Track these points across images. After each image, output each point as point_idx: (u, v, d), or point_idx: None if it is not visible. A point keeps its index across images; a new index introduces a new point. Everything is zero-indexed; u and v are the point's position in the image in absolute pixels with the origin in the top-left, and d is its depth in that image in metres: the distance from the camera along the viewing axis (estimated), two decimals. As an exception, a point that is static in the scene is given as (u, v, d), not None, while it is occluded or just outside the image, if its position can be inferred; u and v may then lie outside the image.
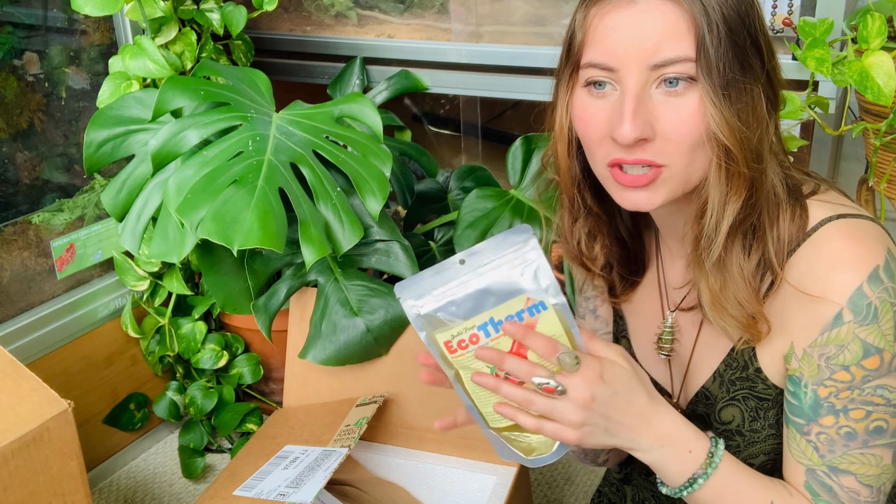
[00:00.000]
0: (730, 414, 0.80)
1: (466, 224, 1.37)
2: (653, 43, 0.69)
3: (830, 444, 0.72)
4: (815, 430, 0.73)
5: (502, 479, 1.19)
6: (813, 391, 0.72)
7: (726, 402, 0.81)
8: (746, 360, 0.78)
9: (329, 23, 1.76)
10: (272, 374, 1.62)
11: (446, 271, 0.67)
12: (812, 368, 0.72)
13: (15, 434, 0.73)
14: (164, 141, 1.16)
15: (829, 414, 0.72)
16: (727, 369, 0.80)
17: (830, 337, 0.70)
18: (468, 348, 0.67)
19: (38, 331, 1.40)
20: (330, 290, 1.31)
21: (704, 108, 0.69)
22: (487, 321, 0.66)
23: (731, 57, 0.69)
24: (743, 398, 0.79)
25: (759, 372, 0.78)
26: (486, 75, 1.59)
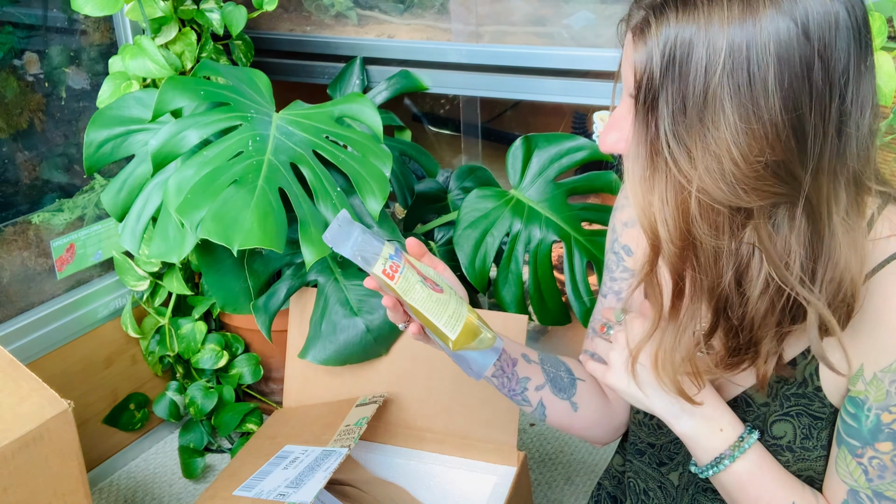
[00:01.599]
0: (782, 429, 0.78)
1: (466, 224, 1.37)
2: (628, 76, 0.66)
3: (882, 470, 0.71)
4: (870, 454, 0.71)
5: (502, 479, 1.19)
6: (876, 416, 0.70)
7: (780, 416, 0.78)
8: (807, 377, 0.76)
9: (329, 23, 1.76)
10: (272, 374, 1.62)
11: (342, 229, 0.77)
12: (880, 393, 0.70)
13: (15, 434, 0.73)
14: (164, 141, 1.16)
15: (887, 440, 0.70)
16: (780, 382, 0.78)
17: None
18: (399, 270, 0.77)
19: (38, 331, 1.39)
20: (330, 290, 1.31)
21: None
22: (392, 253, 0.77)
23: (663, 122, 0.63)
24: (797, 415, 0.77)
25: (818, 391, 0.75)
26: (486, 75, 1.59)
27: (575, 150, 1.45)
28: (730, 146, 0.61)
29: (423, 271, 0.79)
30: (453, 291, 0.80)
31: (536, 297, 1.40)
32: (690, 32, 0.61)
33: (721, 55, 0.60)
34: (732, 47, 0.59)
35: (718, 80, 0.60)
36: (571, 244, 1.40)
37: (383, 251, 0.77)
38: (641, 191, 0.66)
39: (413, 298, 0.76)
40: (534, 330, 1.89)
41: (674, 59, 0.61)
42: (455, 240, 1.36)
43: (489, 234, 1.38)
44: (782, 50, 0.59)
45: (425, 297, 0.77)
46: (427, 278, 0.78)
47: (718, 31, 0.60)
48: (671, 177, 0.63)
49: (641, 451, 0.95)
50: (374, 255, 0.76)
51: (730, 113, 0.60)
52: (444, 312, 0.77)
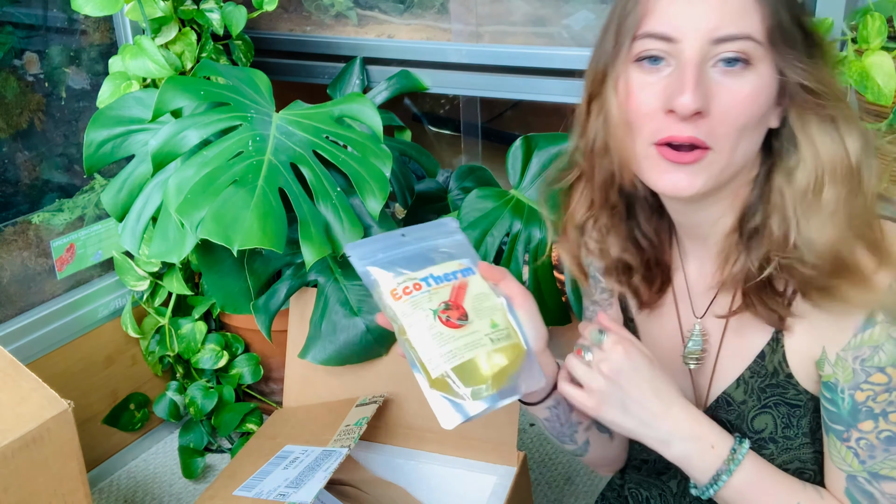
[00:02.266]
0: (762, 422, 0.79)
1: (466, 224, 1.37)
2: (717, 16, 0.68)
3: (871, 450, 0.71)
4: (855, 435, 0.72)
5: (502, 480, 1.19)
6: (850, 396, 0.71)
7: (758, 410, 0.79)
8: (776, 365, 0.77)
9: (329, 23, 1.76)
10: (272, 374, 1.62)
11: (391, 239, 0.78)
12: (847, 373, 0.71)
13: (15, 434, 0.73)
14: (164, 141, 1.16)
15: (868, 419, 0.71)
16: (754, 376, 0.79)
17: (864, 339, 0.69)
18: (412, 293, 0.75)
19: (38, 331, 1.39)
20: (330, 290, 1.31)
21: (762, 88, 0.70)
22: (428, 275, 0.76)
23: (798, 29, 0.70)
24: (774, 405, 0.78)
25: (790, 378, 0.76)
26: (486, 75, 1.59)
27: (575, 150, 1.45)
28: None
29: (469, 300, 0.75)
30: (485, 332, 0.74)
31: (536, 296, 1.40)
32: None
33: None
34: None
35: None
36: (571, 244, 1.40)
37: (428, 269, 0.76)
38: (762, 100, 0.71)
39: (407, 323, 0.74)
40: (534, 330, 1.89)
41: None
42: (455, 240, 1.36)
43: (489, 234, 1.38)
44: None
45: (424, 327, 0.74)
46: (457, 307, 0.74)
47: None
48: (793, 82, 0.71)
49: (637, 467, 0.95)
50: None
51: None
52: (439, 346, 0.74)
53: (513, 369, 0.74)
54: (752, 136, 0.71)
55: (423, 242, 0.78)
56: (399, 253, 0.77)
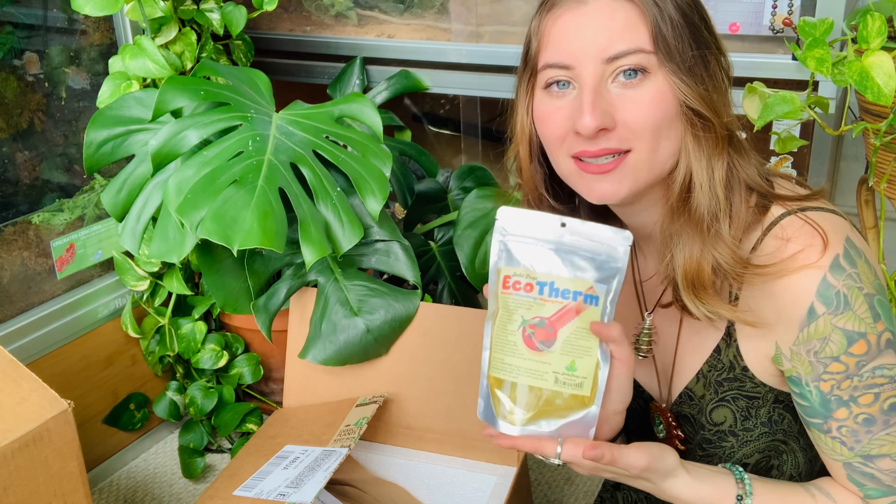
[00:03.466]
0: (721, 415, 0.81)
1: (466, 224, 1.37)
2: (605, 38, 0.72)
3: (854, 435, 0.72)
4: (835, 425, 0.73)
5: (502, 479, 1.19)
6: (816, 388, 0.72)
7: (716, 403, 0.81)
8: (731, 359, 0.78)
9: (329, 23, 1.76)
10: (272, 374, 1.62)
11: (546, 223, 0.72)
12: (805, 366, 0.72)
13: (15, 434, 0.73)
14: (164, 141, 1.16)
15: (839, 406, 0.72)
16: (711, 370, 0.80)
17: (810, 332, 0.71)
18: (519, 292, 0.71)
19: (38, 331, 1.39)
20: (330, 290, 1.31)
21: (664, 93, 0.72)
22: (548, 283, 0.70)
23: (687, 37, 0.73)
24: (733, 398, 0.80)
25: (745, 371, 0.78)
26: (486, 75, 1.59)
27: (575, 150, 1.45)
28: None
29: (568, 329, 0.70)
30: (556, 369, 0.70)
31: (536, 297, 1.40)
32: None
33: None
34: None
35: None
36: (571, 244, 1.40)
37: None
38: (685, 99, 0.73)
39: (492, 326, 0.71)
40: (534, 330, 1.89)
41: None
42: (455, 240, 1.36)
43: (489, 233, 1.38)
44: None
45: (503, 336, 0.70)
46: (551, 329, 0.70)
47: None
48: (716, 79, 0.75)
49: None
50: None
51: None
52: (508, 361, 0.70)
53: (561, 415, 0.70)
54: (669, 134, 0.74)
55: (574, 244, 0.71)
56: (539, 241, 0.71)
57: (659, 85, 0.72)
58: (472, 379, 1.24)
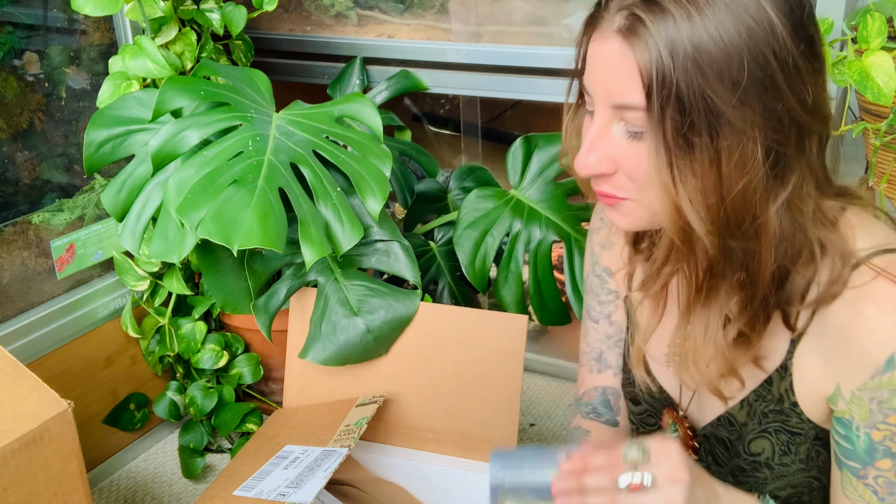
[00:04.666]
0: (760, 446, 0.78)
1: (466, 224, 1.37)
2: (614, 83, 0.67)
3: (890, 487, 0.70)
4: (873, 473, 0.71)
5: (502, 479, 1.19)
6: (866, 434, 0.70)
7: (757, 433, 0.78)
8: (782, 393, 0.76)
9: (329, 23, 1.76)
10: (272, 374, 1.62)
11: (546, 461, 0.69)
12: (863, 412, 0.69)
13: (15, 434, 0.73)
14: (164, 141, 1.16)
15: (885, 457, 0.69)
16: (759, 400, 0.78)
17: (882, 381, 0.67)
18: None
19: (38, 331, 1.39)
20: (330, 290, 1.31)
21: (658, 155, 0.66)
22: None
23: (681, 116, 0.64)
24: (775, 431, 0.77)
25: (794, 406, 0.75)
26: (486, 75, 1.59)
27: (575, 150, 1.45)
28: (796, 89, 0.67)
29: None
30: None
31: (536, 297, 1.40)
32: (706, 18, 0.63)
33: (767, 25, 0.64)
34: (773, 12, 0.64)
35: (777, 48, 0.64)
36: (571, 244, 1.40)
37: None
38: (671, 190, 0.66)
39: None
40: (534, 330, 1.89)
41: (680, 49, 0.63)
42: (455, 240, 1.36)
43: (489, 234, 1.38)
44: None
45: None
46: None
47: (710, 13, 0.63)
48: (705, 156, 0.64)
49: None
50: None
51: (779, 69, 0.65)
52: None
53: None
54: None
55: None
56: (542, 481, 0.69)
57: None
58: (472, 379, 1.24)
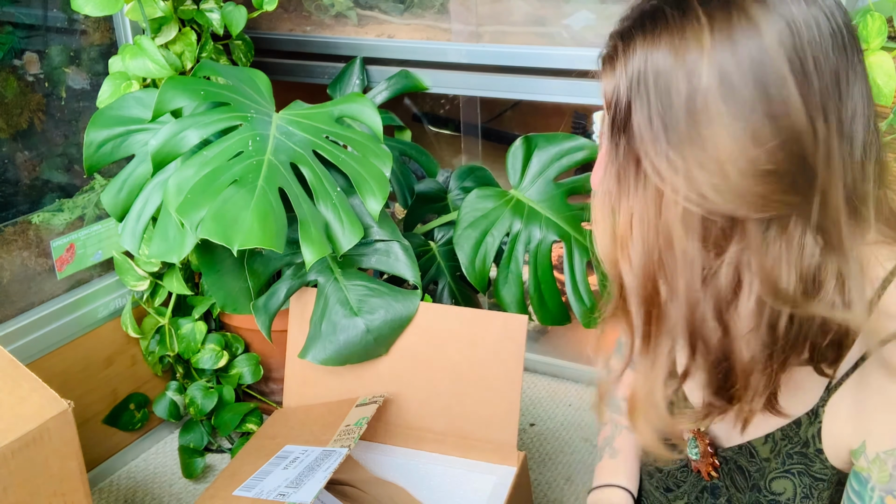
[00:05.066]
0: (782, 486, 0.77)
1: (466, 224, 1.37)
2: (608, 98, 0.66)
3: None
4: None
5: (502, 479, 1.19)
6: (880, 498, 0.68)
7: (780, 472, 0.77)
8: (808, 438, 0.73)
9: (329, 23, 1.76)
10: (272, 374, 1.62)
11: None
12: (883, 474, 0.67)
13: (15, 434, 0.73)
14: (164, 141, 1.16)
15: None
16: (785, 439, 0.76)
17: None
18: None
19: (38, 331, 1.39)
20: (330, 290, 1.31)
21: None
22: None
23: (627, 151, 0.63)
24: (798, 473, 0.75)
25: (819, 453, 0.73)
26: (486, 75, 1.59)
27: (575, 150, 1.45)
28: (722, 159, 0.59)
29: None
30: None
31: (536, 297, 1.40)
32: (664, 52, 0.60)
33: (704, 68, 0.59)
34: (713, 65, 0.59)
35: (706, 93, 0.59)
36: (571, 244, 1.40)
37: None
38: (604, 220, 0.65)
39: None
40: (534, 330, 1.89)
41: (647, 79, 0.61)
42: (455, 240, 1.36)
43: (489, 234, 1.38)
44: (766, 61, 0.59)
45: None
46: None
47: (696, 53, 0.59)
48: (650, 194, 0.62)
49: (650, 474, 0.94)
50: None
51: (727, 120, 0.59)
52: None
53: None
54: None
55: None
56: None
57: None
58: (472, 379, 1.24)
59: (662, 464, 0.90)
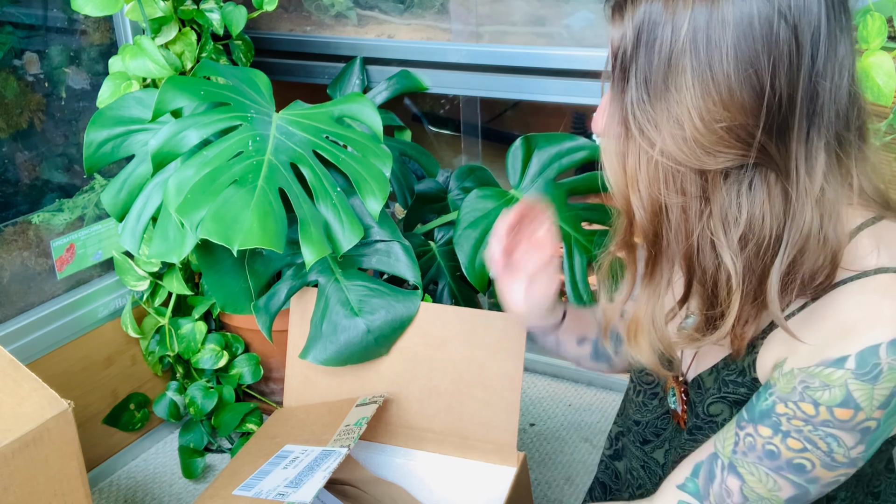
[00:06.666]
0: (718, 408, 0.81)
1: (466, 224, 1.37)
2: (610, 53, 0.71)
3: (749, 448, 0.72)
4: (749, 430, 0.73)
5: (502, 479, 1.19)
6: (773, 402, 0.71)
7: (717, 397, 0.81)
8: (745, 366, 0.77)
9: (329, 23, 1.76)
10: (272, 374, 1.62)
11: None
12: (787, 385, 0.70)
13: (15, 434, 0.73)
14: (164, 141, 1.16)
15: (770, 427, 0.71)
16: (725, 368, 0.80)
17: (823, 372, 0.68)
18: None
19: (38, 331, 1.40)
20: (330, 291, 1.31)
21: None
22: None
23: (634, 99, 0.68)
24: (734, 400, 0.79)
25: (755, 381, 0.77)
26: (486, 75, 1.59)
27: (575, 150, 1.45)
28: (690, 110, 0.64)
29: None
30: None
31: (536, 297, 1.40)
32: (660, 6, 0.65)
33: (685, 22, 0.63)
34: (696, 15, 0.63)
35: (682, 47, 0.64)
36: (571, 244, 1.40)
37: None
38: (615, 163, 0.71)
39: None
40: (534, 330, 1.89)
41: (644, 31, 0.66)
42: (455, 240, 1.36)
43: (489, 233, 1.38)
44: (743, 13, 0.63)
45: None
46: None
47: (684, 4, 0.64)
48: (638, 145, 0.68)
49: (628, 428, 0.96)
50: None
51: (689, 77, 0.64)
52: None
53: None
54: None
55: None
56: None
57: None
58: (472, 379, 1.24)
59: (640, 416, 0.94)
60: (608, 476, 1.04)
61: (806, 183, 0.66)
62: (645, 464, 0.94)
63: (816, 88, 0.64)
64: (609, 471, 1.04)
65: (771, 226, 0.66)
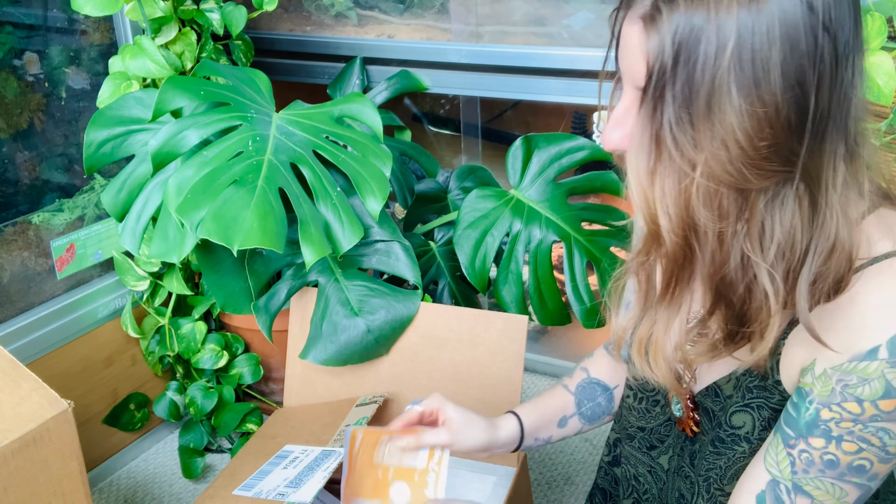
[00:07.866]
0: (741, 419, 0.79)
1: (466, 224, 1.37)
2: (634, 67, 0.66)
3: (808, 465, 0.71)
4: (801, 446, 0.71)
5: (502, 479, 1.19)
6: (816, 410, 0.70)
7: (740, 406, 0.79)
8: (767, 370, 0.76)
9: (329, 23, 1.76)
10: (272, 374, 1.62)
11: None
12: (825, 389, 0.69)
13: (15, 434, 0.73)
14: (164, 141, 1.16)
15: (822, 437, 0.70)
16: (745, 374, 0.78)
17: (858, 367, 0.67)
18: None
19: (38, 331, 1.40)
20: (330, 291, 1.31)
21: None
22: None
23: (672, 113, 0.63)
24: (757, 407, 0.78)
25: (777, 384, 0.76)
26: (486, 75, 1.59)
27: (575, 150, 1.45)
28: (736, 130, 0.61)
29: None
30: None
31: (536, 297, 1.40)
32: (701, 19, 0.61)
33: (730, 40, 0.60)
34: (740, 30, 0.60)
35: (727, 65, 0.60)
36: (571, 244, 1.40)
37: None
38: (644, 183, 0.67)
39: None
40: (534, 330, 1.89)
41: (684, 46, 0.62)
42: (455, 240, 1.36)
43: (489, 234, 1.38)
44: (788, 27, 0.60)
45: None
46: None
47: (726, 16, 0.60)
48: (674, 165, 0.64)
49: (631, 436, 0.96)
50: None
51: (735, 96, 0.61)
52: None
53: None
54: None
55: None
56: None
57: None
58: (472, 379, 1.24)
59: (645, 422, 0.94)
60: (608, 482, 1.04)
61: (832, 192, 0.65)
62: (651, 469, 0.93)
63: (849, 100, 0.63)
64: (608, 477, 1.03)
65: (802, 238, 0.65)
